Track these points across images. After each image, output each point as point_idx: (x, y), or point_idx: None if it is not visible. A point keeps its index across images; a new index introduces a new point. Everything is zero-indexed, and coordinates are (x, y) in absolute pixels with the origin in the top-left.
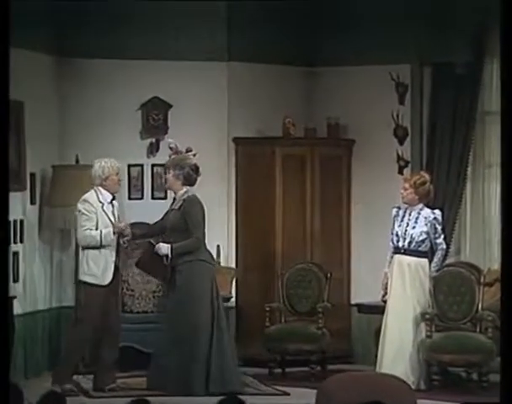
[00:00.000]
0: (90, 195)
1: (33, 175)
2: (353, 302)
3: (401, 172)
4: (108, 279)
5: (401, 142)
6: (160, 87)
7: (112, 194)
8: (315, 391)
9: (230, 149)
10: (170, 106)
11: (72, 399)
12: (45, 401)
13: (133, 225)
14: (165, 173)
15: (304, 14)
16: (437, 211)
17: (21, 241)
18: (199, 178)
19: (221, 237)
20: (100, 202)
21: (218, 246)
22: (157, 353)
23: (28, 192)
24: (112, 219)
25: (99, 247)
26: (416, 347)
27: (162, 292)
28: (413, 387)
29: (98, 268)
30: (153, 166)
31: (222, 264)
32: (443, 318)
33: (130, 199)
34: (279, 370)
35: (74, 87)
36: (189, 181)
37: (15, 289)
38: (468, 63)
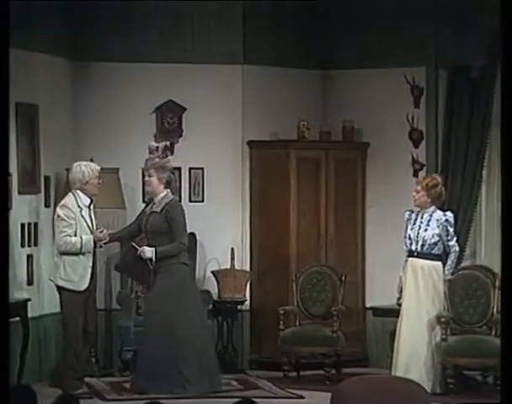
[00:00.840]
0: (69, 200)
1: (47, 178)
2: (368, 305)
3: (416, 175)
4: (85, 284)
5: (416, 145)
6: (175, 91)
7: (90, 197)
8: (329, 395)
9: (244, 152)
10: (185, 109)
11: (87, 401)
12: None
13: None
14: (148, 176)
15: (319, 17)
16: (449, 213)
17: (35, 245)
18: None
19: (235, 240)
20: (79, 207)
21: (232, 249)
22: (141, 357)
23: (42, 195)
24: (89, 223)
25: (79, 253)
26: (431, 350)
27: (144, 295)
28: (428, 391)
29: (76, 274)
30: None
31: (236, 267)
32: (458, 321)
33: (144, 202)
34: (293, 373)
35: (89, 91)
36: (170, 184)
37: (29, 292)
38: (484, 66)
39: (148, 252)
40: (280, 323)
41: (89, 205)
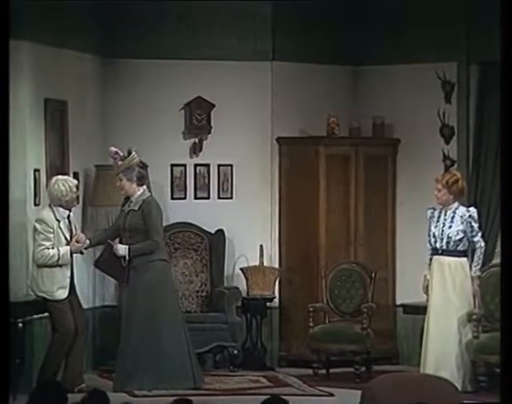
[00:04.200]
0: (47, 214)
1: (76, 174)
2: (398, 302)
3: (447, 171)
4: (64, 294)
5: (447, 141)
6: (203, 87)
7: (69, 209)
8: (360, 392)
9: (273, 148)
10: (213, 106)
11: (115, 397)
12: (89, 399)
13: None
14: (119, 181)
15: (349, 13)
16: (472, 209)
17: None
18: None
19: (264, 237)
20: (57, 220)
21: (261, 246)
22: (122, 354)
23: None
24: (67, 235)
25: (56, 265)
26: (461, 348)
27: (122, 293)
28: (458, 388)
29: (53, 285)
30: (196, 166)
31: (265, 264)
32: (490, 319)
33: (172, 198)
34: (323, 371)
35: (118, 87)
36: (142, 180)
37: None
38: None
39: (122, 249)
40: (310, 320)
41: (68, 216)
